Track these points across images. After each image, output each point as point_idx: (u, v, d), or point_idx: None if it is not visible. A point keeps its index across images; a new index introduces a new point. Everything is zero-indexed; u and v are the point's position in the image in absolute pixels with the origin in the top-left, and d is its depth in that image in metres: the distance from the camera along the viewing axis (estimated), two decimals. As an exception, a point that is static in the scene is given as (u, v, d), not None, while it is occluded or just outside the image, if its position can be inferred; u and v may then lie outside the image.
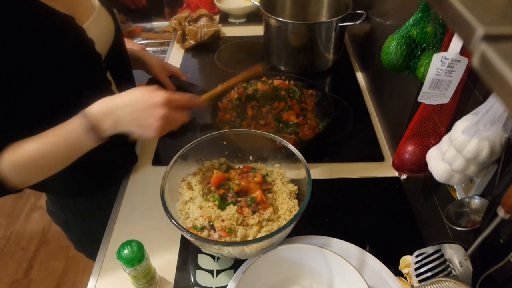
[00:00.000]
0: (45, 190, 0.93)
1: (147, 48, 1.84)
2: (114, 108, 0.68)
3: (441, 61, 0.58)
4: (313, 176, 0.75)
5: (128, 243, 0.69)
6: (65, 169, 0.74)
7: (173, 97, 0.71)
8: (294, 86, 1.14)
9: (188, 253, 0.81)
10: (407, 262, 0.74)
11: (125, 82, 0.89)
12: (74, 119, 0.68)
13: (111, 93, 0.85)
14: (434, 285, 0.59)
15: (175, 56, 1.48)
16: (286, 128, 1.02)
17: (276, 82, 1.16)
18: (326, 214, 0.87)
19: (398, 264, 0.75)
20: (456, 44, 0.57)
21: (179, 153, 0.80)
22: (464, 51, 0.57)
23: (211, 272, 0.77)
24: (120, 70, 0.91)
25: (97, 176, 0.94)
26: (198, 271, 0.78)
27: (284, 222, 0.74)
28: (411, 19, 0.71)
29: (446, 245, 0.65)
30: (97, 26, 0.78)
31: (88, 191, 0.96)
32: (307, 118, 1.05)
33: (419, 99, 0.63)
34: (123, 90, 0.72)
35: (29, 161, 0.69)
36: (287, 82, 1.16)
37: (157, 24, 2.03)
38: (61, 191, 0.94)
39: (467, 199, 0.62)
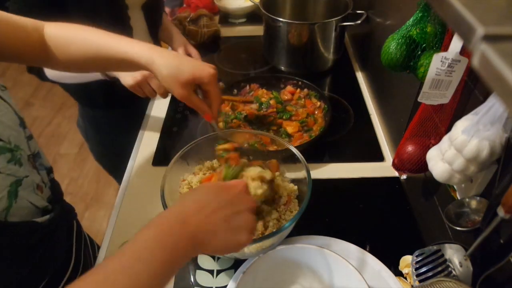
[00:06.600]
0: (71, 94, 1.18)
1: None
2: None
3: (441, 61, 0.58)
4: (313, 176, 0.75)
5: (128, 243, 0.69)
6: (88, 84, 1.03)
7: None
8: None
9: (188, 253, 0.81)
10: (407, 262, 0.74)
11: (155, 30, 1.18)
12: None
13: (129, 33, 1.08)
14: (434, 285, 0.59)
15: (175, 56, 1.48)
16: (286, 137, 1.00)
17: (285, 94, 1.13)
18: (326, 214, 0.87)
19: (398, 264, 0.75)
20: (456, 44, 0.57)
21: (179, 153, 0.80)
22: (464, 51, 0.57)
23: (211, 272, 0.77)
24: (154, 18, 1.16)
25: (113, 95, 1.09)
26: (198, 271, 0.77)
27: (284, 222, 0.74)
28: (411, 19, 0.71)
29: (446, 245, 0.65)
30: None
31: (105, 105, 1.19)
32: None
33: (419, 99, 0.64)
34: (153, 35, 1.16)
35: None
36: (298, 90, 1.13)
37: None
38: (83, 100, 1.21)
39: (467, 199, 0.62)
